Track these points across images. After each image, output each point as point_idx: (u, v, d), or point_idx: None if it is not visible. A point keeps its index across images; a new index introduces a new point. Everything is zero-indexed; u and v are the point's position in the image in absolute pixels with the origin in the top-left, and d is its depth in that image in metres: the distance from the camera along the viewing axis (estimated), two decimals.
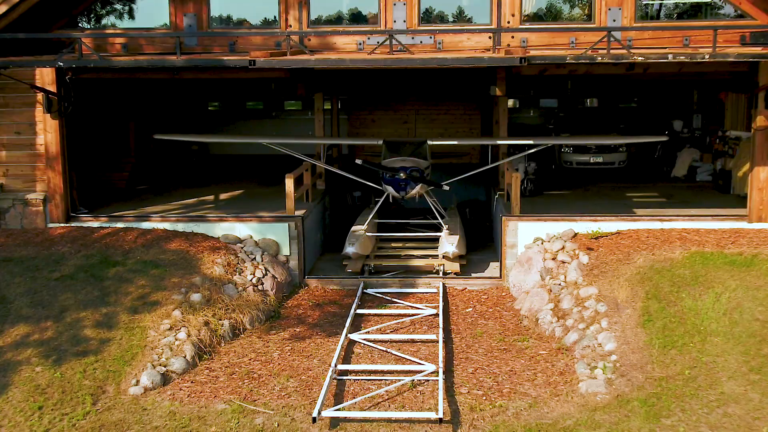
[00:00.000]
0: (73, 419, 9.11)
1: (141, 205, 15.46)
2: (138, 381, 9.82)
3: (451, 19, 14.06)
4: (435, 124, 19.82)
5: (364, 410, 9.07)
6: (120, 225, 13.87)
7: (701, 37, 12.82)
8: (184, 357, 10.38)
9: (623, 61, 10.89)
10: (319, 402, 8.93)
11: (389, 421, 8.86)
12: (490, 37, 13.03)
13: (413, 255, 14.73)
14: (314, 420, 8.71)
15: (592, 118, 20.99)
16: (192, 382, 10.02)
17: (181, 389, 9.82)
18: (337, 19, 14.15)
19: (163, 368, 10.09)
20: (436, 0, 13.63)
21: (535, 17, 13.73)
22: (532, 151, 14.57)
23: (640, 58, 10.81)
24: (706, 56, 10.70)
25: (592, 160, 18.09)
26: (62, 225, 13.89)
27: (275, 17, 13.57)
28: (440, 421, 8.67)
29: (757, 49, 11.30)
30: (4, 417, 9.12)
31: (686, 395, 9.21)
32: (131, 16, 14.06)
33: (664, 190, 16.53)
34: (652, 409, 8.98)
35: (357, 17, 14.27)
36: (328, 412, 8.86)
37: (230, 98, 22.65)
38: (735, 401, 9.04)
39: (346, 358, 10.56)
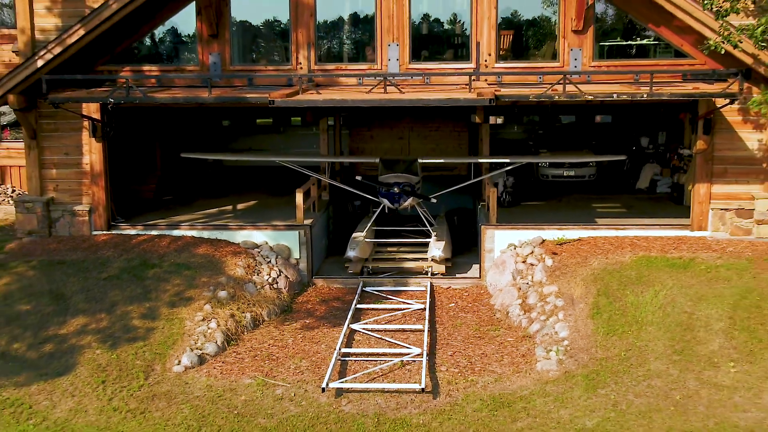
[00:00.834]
0: (130, 390, 11.43)
1: (169, 214, 17.75)
2: (180, 361, 12.13)
3: (440, 52, 16.44)
4: (427, 140, 22.02)
5: (363, 383, 11.39)
6: (154, 232, 16.17)
7: (650, 69, 15.14)
8: (216, 342, 12.69)
9: (576, 99, 13.21)
10: (326, 377, 11.25)
11: (383, 391, 11.17)
12: (471, 71, 15.36)
13: (406, 258, 17.06)
14: (323, 390, 11.03)
15: (567, 136, 23.23)
16: (223, 362, 12.33)
17: (214, 368, 12.13)
18: (339, 52, 16.46)
19: (199, 351, 12.40)
20: (425, 41, 15.99)
21: (509, 56, 16.07)
22: (510, 167, 16.86)
23: (589, 96, 13.15)
24: (644, 95, 13.04)
25: (565, 174, 20.36)
26: (105, 232, 16.20)
27: (287, 57, 15.88)
28: (422, 390, 11.00)
29: (688, 88, 13.58)
30: (76, 389, 11.43)
31: (620, 372, 11.52)
32: (165, 57, 16.36)
33: (626, 201, 18.80)
34: (592, 382, 11.29)
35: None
36: (334, 384, 11.18)
37: (242, 115, 24.87)
38: (658, 376, 11.34)
39: (348, 344, 12.86)
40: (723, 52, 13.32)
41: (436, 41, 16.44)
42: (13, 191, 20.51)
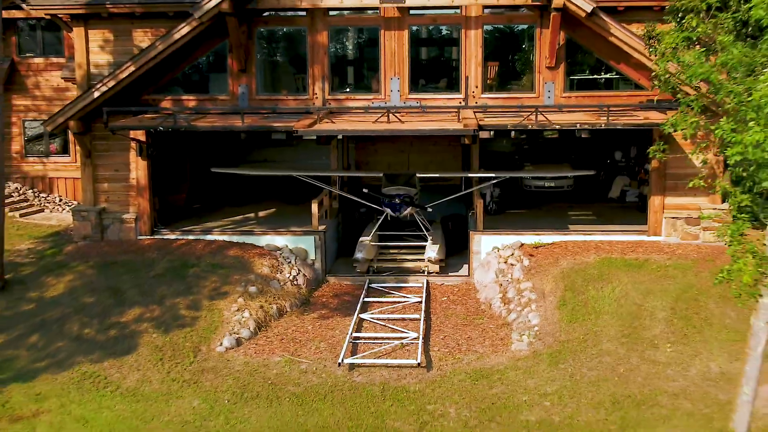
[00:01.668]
0: (183, 366, 14.21)
1: (200, 221, 20.47)
2: (221, 343, 14.90)
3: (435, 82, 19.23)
4: (426, 154, 24.64)
5: (370, 359, 14.16)
6: (191, 237, 18.94)
7: (611, 100, 17.90)
8: (249, 329, 15.47)
9: (546, 128, 15.99)
10: (341, 354, 14.03)
11: (386, 366, 13.95)
12: (460, 102, 18.16)
13: (406, 259, 19.81)
14: (339, 365, 13.81)
15: (550, 150, 25.87)
16: (256, 344, 15.10)
17: (249, 349, 14.90)
18: (349, 84, 19.23)
19: (236, 335, 15.17)
20: (422, 73, 18.80)
21: (495, 84, 18.86)
22: (496, 180, 19.60)
23: (557, 125, 15.93)
24: (602, 125, 15.83)
25: (546, 185, 23.03)
26: (149, 237, 18.97)
27: (305, 87, 18.68)
28: (418, 365, 13.78)
29: (639, 118, 16.32)
30: (140, 365, 14.20)
31: (577, 351, 14.28)
32: (201, 87, 19.14)
33: (598, 209, 21.49)
34: (554, 359, 14.05)
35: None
36: (348, 360, 13.97)
37: (259, 131, 27.44)
38: (608, 354, 14.10)
39: (358, 330, 15.62)
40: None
41: (431, 74, 19.19)
42: (60, 200, 23.29)
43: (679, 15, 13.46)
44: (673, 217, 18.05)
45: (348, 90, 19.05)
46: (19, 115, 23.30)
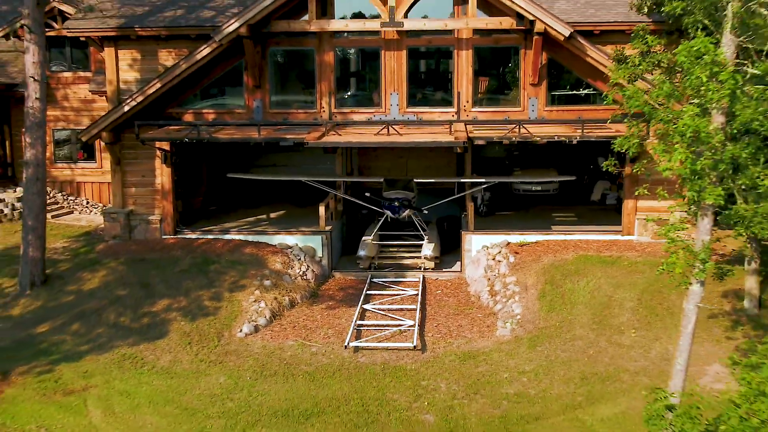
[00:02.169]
0: (209, 349, 16.26)
1: (217, 222, 22.51)
2: (241, 330, 16.95)
3: (431, 95, 21.27)
4: (423, 159, 26.65)
5: (373, 343, 16.20)
6: (210, 236, 20.99)
7: (589, 113, 19.91)
8: (265, 317, 17.52)
9: (528, 140, 18.05)
10: (347, 339, 16.08)
11: (386, 348, 16.00)
12: (453, 115, 20.20)
13: (404, 256, 21.85)
14: (345, 347, 15.87)
15: (538, 156, 27.88)
16: (271, 330, 17.15)
17: (266, 334, 16.94)
18: (353, 98, 21.26)
19: (254, 323, 17.22)
20: (418, 90, 20.86)
21: (485, 98, 20.91)
22: (487, 185, 21.62)
23: (537, 138, 17.99)
24: (577, 137, 17.86)
25: (533, 188, 25.05)
26: (172, 237, 21.02)
27: (313, 101, 20.73)
28: (414, 348, 15.83)
29: (611, 131, 18.32)
30: (171, 348, 16.24)
31: (553, 336, 16.32)
32: (219, 101, 21.18)
33: (580, 211, 23.52)
34: (533, 343, 16.10)
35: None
36: (353, 344, 16.02)
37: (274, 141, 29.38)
38: (580, 339, 16.14)
39: (361, 318, 17.65)
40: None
41: (427, 89, 21.24)
42: (87, 203, 25.33)
43: (644, 40, 15.46)
44: (645, 219, 20.05)
45: (352, 104, 21.08)
46: (49, 125, 25.13)
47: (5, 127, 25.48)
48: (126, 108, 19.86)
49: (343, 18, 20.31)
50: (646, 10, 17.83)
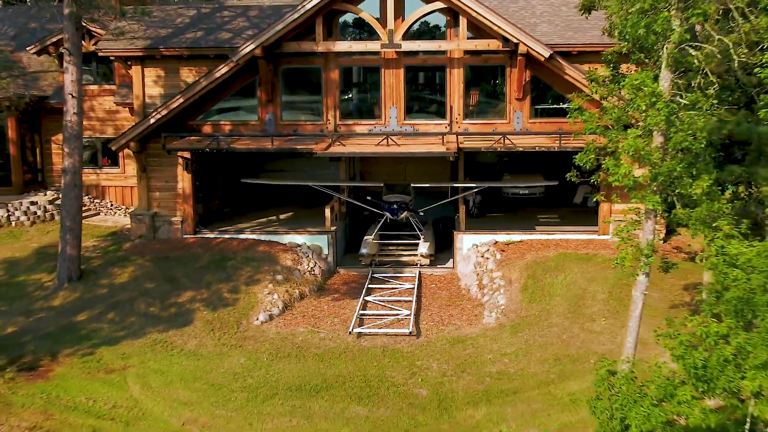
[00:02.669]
0: (230, 335, 18.49)
1: (232, 222, 24.73)
2: (257, 318, 19.18)
3: (426, 107, 23.50)
4: (420, 165, 28.80)
5: (374, 329, 18.44)
6: (227, 236, 23.20)
7: (568, 126, 22.05)
8: (278, 307, 19.74)
9: (512, 149, 20.28)
10: (351, 326, 18.32)
11: (386, 334, 18.23)
12: (446, 127, 22.43)
13: (402, 254, 24.08)
14: (350, 333, 18.10)
15: (525, 162, 30.07)
16: (284, 319, 19.38)
17: (279, 322, 19.17)
18: (356, 111, 23.47)
19: (268, 312, 19.45)
20: (414, 104, 23.09)
21: (476, 111, 23.13)
22: (478, 189, 23.83)
23: (520, 148, 20.22)
24: (555, 148, 20.08)
25: (521, 192, 27.26)
26: (192, 236, 23.24)
27: (320, 113, 22.97)
28: (410, 334, 18.06)
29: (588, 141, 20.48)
30: (196, 334, 18.46)
31: (533, 323, 18.54)
32: (235, 115, 23.40)
33: (563, 213, 25.72)
34: (515, 330, 18.32)
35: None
36: (356, 330, 18.25)
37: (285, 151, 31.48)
38: (556, 326, 18.36)
39: (363, 308, 19.88)
40: None
41: (422, 103, 23.47)
42: (112, 205, 27.56)
43: (612, 63, 17.66)
44: (619, 220, 22.20)
45: (355, 116, 23.31)
46: None
47: (35, 135, 27.67)
48: (152, 120, 22.09)
49: (348, 32, 22.58)
50: (616, 33, 20.03)
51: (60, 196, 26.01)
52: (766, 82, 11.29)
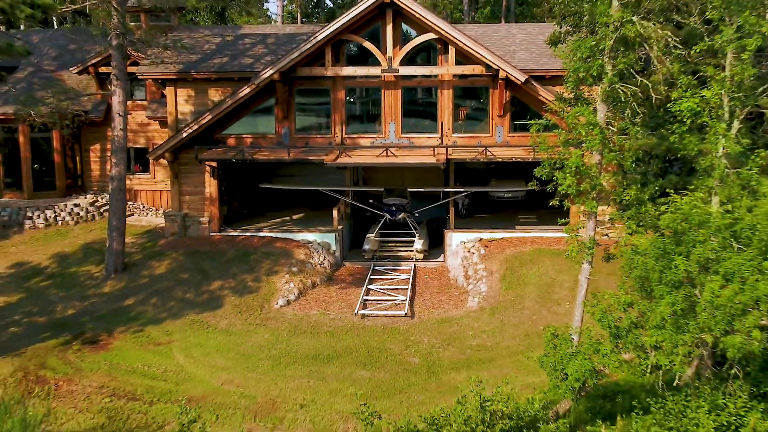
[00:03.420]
0: (254, 316, 22.08)
1: (252, 222, 28.29)
2: (277, 302, 22.77)
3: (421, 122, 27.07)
4: (416, 172, 32.29)
5: (375, 311, 22.04)
6: (247, 234, 26.79)
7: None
8: (294, 294, 23.33)
9: (493, 160, 23.88)
10: (356, 308, 21.94)
11: (385, 315, 21.84)
12: (437, 140, 26.03)
13: (399, 249, 27.67)
14: (355, 315, 21.72)
15: (509, 169, 33.53)
16: (299, 304, 22.98)
17: (296, 306, 22.76)
18: (359, 125, 27.05)
19: (286, 298, 23.04)
20: (410, 120, 26.71)
21: (464, 125, 26.71)
22: (466, 193, 27.39)
23: (500, 158, 23.82)
24: (530, 159, 23.65)
25: (505, 195, 30.80)
26: (218, 234, 26.83)
27: (329, 128, 26.56)
28: (405, 315, 21.68)
29: (555, 155, 24.05)
30: (226, 316, 22.06)
31: (509, 307, 22.12)
32: (255, 129, 26.98)
33: (541, 214, 29.17)
34: (493, 312, 21.91)
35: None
36: (361, 312, 21.87)
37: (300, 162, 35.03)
38: (528, 309, 21.95)
39: (366, 295, 23.46)
40: None
41: (417, 119, 27.06)
42: (144, 207, 31.14)
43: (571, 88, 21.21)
44: (583, 219, 25.79)
45: (359, 130, 26.90)
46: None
47: (76, 145, 31.26)
48: (184, 134, 25.70)
49: (352, 61, 26.21)
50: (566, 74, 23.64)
51: (98, 198, 29.76)
52: (675, 113, 14.78)
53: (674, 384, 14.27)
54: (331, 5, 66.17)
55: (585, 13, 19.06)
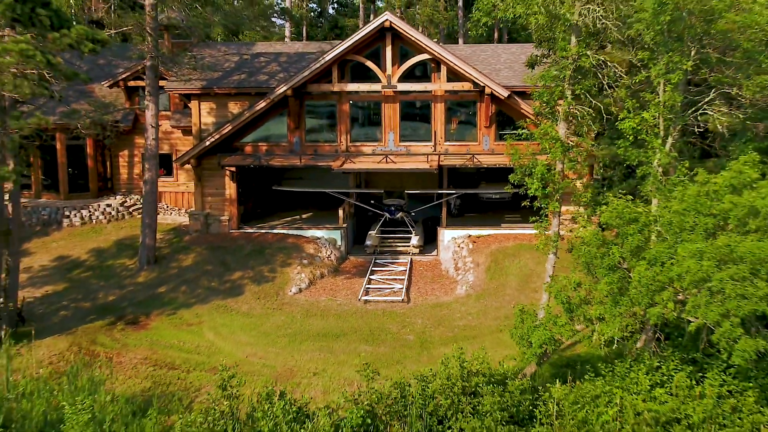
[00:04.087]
0: (271, 302, 25.46)
1: (266, 221, 31.65)
2: (291, 290, 26.16)
3: (416, 132, 30.42)
4: (412, 176, 35.52)
5: (376, 297, 25.43)
6: (262, 231, 30.17)
7: (525, 147, 28.99)
8: (305, 283, 26.72)
9: (480, 165, 27.24)
10: (360, 295, 25.33)
11: (385, 301, 25.24)
12: (431, 148, 29.42)
13: (398, 245, 31.05)
14: (359, 300, 25.11)
15: (498, 172, 36.83)
16: (310, 291, 26.36)
17: (307, 293, 26.15)
18: (363, 135, 30.43)
19: (298, 286, 26.43)
20: (407, 130, 30.08)
21: (455, 134, 30.07)
22: (458, 194, 30.75)
23: (486, 165, 27.19)
24: (512, 164, 26.99)
25: (493, 197, 34.15)
26: (236, 231, 30.22)
27: (335, 137, 29.96)
28: (402, 301, 25.07)
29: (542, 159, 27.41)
30: (247, 302, 25.45)
31: (492, 294, 25.51)
32: (269, 138, 30.38)
33: (525, 213, 32.40)
34: (479, 298, 25.29)
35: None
36: (363, 298, 25.27)
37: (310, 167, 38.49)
38: (508, 295, 25.31)
39: (368, 284, 26.84)
40: None
41: (413, 129, 30.45)
42: (167, 207, 34.52)
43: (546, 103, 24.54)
44: (564, 218, 29.17)
45: (362, 139, 30.30)
46: (139, 149, 34.56)
47: (106, 151, 34.66)
48: (207, 143, 29.10)
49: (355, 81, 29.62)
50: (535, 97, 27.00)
51: (127, 199, 33.17)
52: (621, 129, 18.14)
53: (624, 354, 17.68)
54: (332, 12, 69.76)
55: (558, 39, 22.52)
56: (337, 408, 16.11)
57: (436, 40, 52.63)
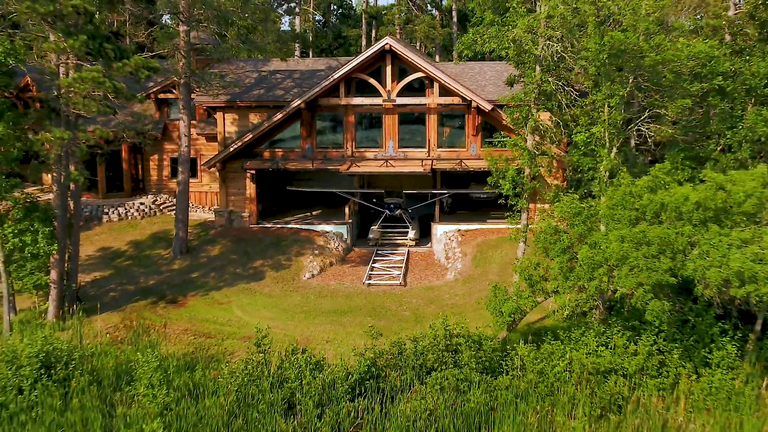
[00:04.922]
0: (288, 285, 29.94)
1: (281, 217, 36.06)
2: (305, 276, 30.57)
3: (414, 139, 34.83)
4: (410, 177, 40.00)
5: (378, 281, 29.85)
6: (278, 226, 34.58)
7: (508, 153, 33.40)
8: (317, 270, 31.13)
9: (468, 169, 31.67)
10: (364, 279, 29.77)
11: (386, 284, 29.67)
12: (425, 153, 33.84)
13: (397, 238, 35.44)
14: (363, 284, 29.54)
15: (487, 174, 41.15)
16: (321, 277, 30.78)
17: (319, 279, 30.55)
18: (366, 141, 34.84)
19: (311, 273, 30.84)
20: (404, 138, 34.49)
21: (446, 142, 34.47)
22: (449, 194, 35.11)
23: (472, 169, 31.60)
24: (494, 168, 31.39)
25: (482, 196, 38.44)
26: (256, 226, 34.62)
27: (342, 143, 34.39)
28: (400, 284, 29.50)
29: (515, 165, 31.78)
30: (267, 285, 29.88)
31: (476, 279, 29.91)
32: (285, 145, 34.79)
33: (507, 210, 36.94)
34: (465, 282, 29.70)
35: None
36: (367, 282, 29.70)
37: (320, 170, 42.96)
38: (490, 280, 29.58)
39: (371, 270, 31.22)
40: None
41: (410, 137, 34.84)
42: (192, 205, 38.89)
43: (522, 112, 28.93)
44: (539, 214, 33.55)
45: (365, 146, 34.73)
46: (168, 154, 38.98)
47: (138, 156, 39.09)
48: (231, 149, 33.54)
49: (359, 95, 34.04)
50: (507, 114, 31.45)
51: (158, 198, 37.58)
52: (576, 141, 22.51)
53: (579, 325, 22.08)
54: (335, 20, 74.17)
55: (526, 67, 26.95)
56: (347, 359, 20.56)
57: (432, 52, 57.18)
